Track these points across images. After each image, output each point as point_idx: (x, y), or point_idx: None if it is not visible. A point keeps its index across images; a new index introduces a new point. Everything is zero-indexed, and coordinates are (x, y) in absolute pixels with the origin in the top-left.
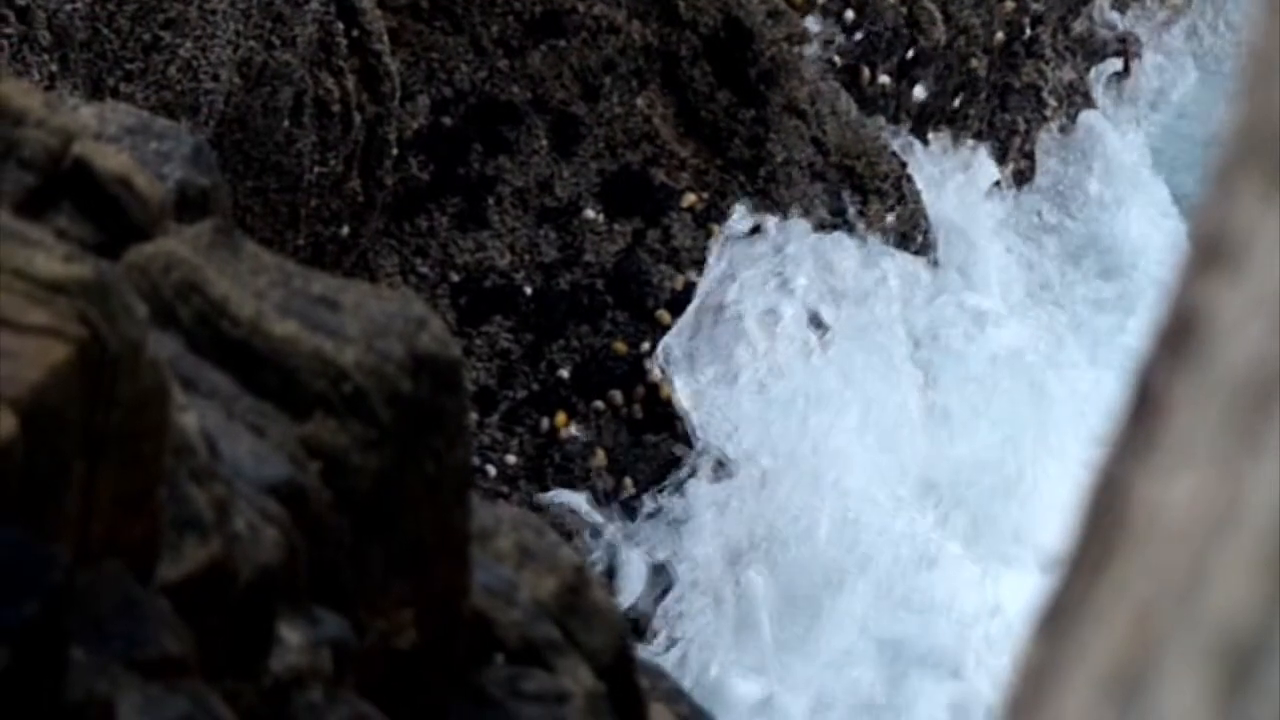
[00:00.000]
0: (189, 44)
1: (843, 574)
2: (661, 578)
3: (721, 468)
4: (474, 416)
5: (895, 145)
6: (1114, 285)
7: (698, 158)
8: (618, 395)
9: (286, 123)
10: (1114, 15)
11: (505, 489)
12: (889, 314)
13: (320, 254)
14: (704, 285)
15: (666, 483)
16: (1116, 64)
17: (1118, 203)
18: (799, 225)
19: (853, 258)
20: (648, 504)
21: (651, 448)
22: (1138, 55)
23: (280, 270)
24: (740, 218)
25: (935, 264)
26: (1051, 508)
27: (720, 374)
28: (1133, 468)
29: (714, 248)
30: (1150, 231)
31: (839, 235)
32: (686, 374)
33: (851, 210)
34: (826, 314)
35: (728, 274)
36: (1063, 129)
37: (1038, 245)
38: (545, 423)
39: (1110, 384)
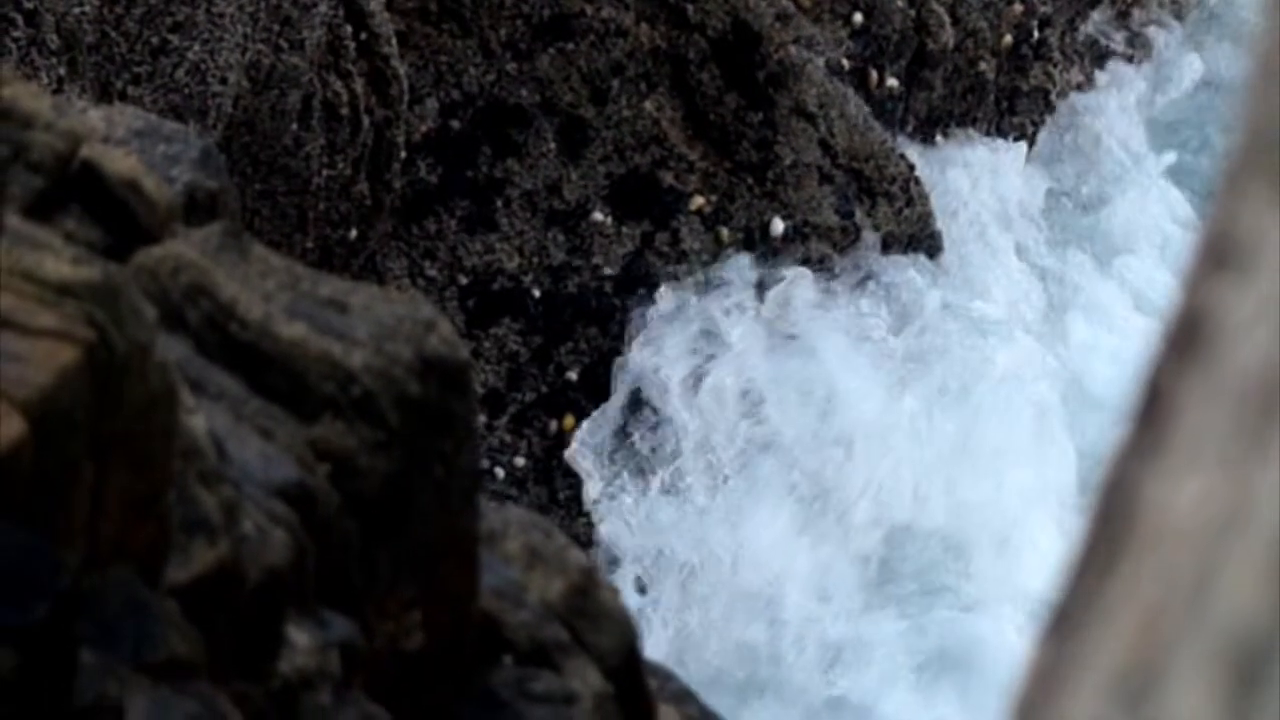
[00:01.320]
0: (197, 47)
1: (763, 684)
2: None
3: (639, 577)
4: (482, 419)
5: (905, 143)
6: (1119, 283)
7: (706, 160)
8: None
9: (295, 126)
10: (1121, 17)
11: (514, 491)
12: (861, 356)
13: (328, 257)
14: (627, 364)
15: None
16: (1122, 63)
17: (1123, 199)
18: (741, 261)
19: (811, 292)
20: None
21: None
22: (1145, 57)
23: (288, 273)
24: (663, 295)
25: (939, 265)
26: (1031, 574)
27: (639, 470)
28: (1141, 470)
29: (635, 323)
30: (1154, 228)
31: (802, 270)
32: (600, 472)
33: (859, 213)
34: (777, 373)
35: (654, 349)
36: (1068, 123)
37: (1041, 243)
38: (553, 425)
39: (1116, 391)
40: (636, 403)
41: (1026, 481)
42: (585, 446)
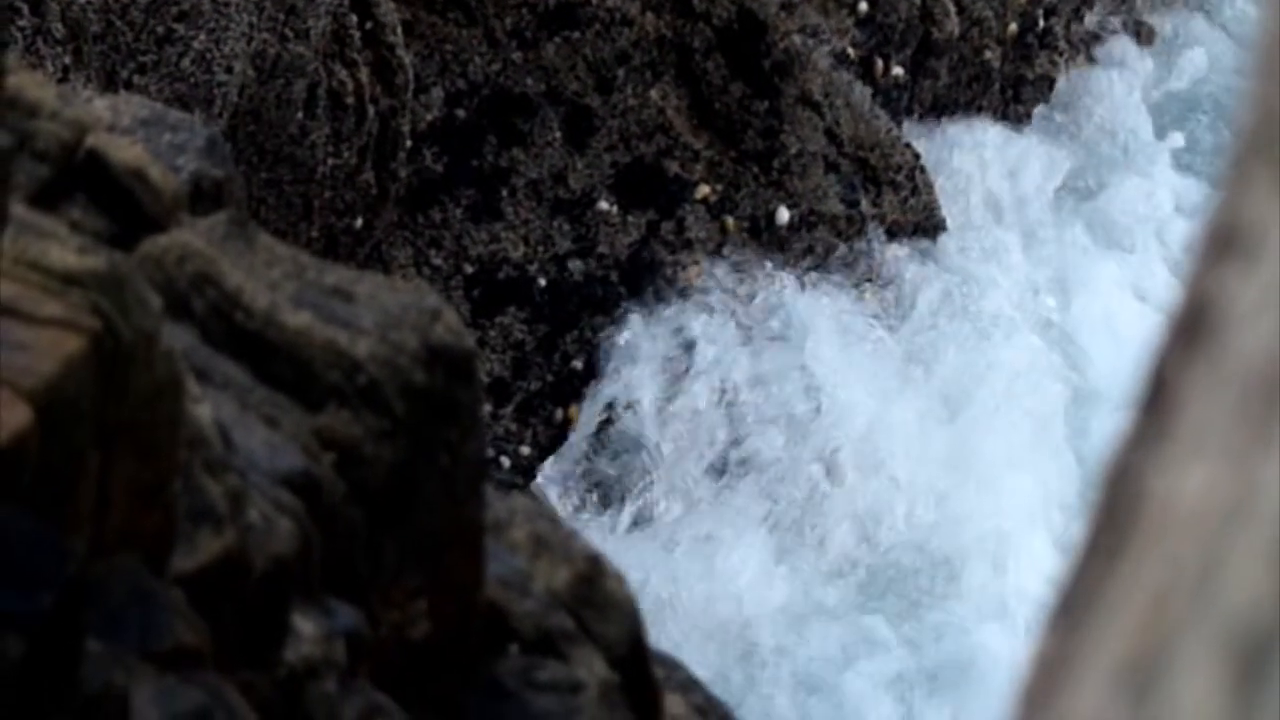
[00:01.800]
0: (202, 36)
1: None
2: None
3: None
4: (488, 408)
5: (911, 131)
6: (1122, 270)
7: (711, 149)
8: None
9: (300, 115)
10: (1125, 5)
11: (520, 480)
12: (853, 362)
13: (334, 246)
14: (598, 389)
15: None
16: (1127, 50)
17: (1127, 186)
18: (718, 266)
19: (798, 296)
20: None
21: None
22: (1149, 44)
23: (294, 262)
24: (638, 323)
25: (940, 257)
26: (1024, 590)
27: (607, 501)
28: (1146, 459)
29: (604, 346)
30: (1158, 215)
31: (785, 277)
32: (568, 504)
33: (865, 201)
34: (761, 386)
35: (627, 370)
36: (1072, 110)
37: (1045, 230)
38: (559, 414)
39: (1120, 381)
40: (607, 428)
41: (1022, 493)
42: (552, 478)
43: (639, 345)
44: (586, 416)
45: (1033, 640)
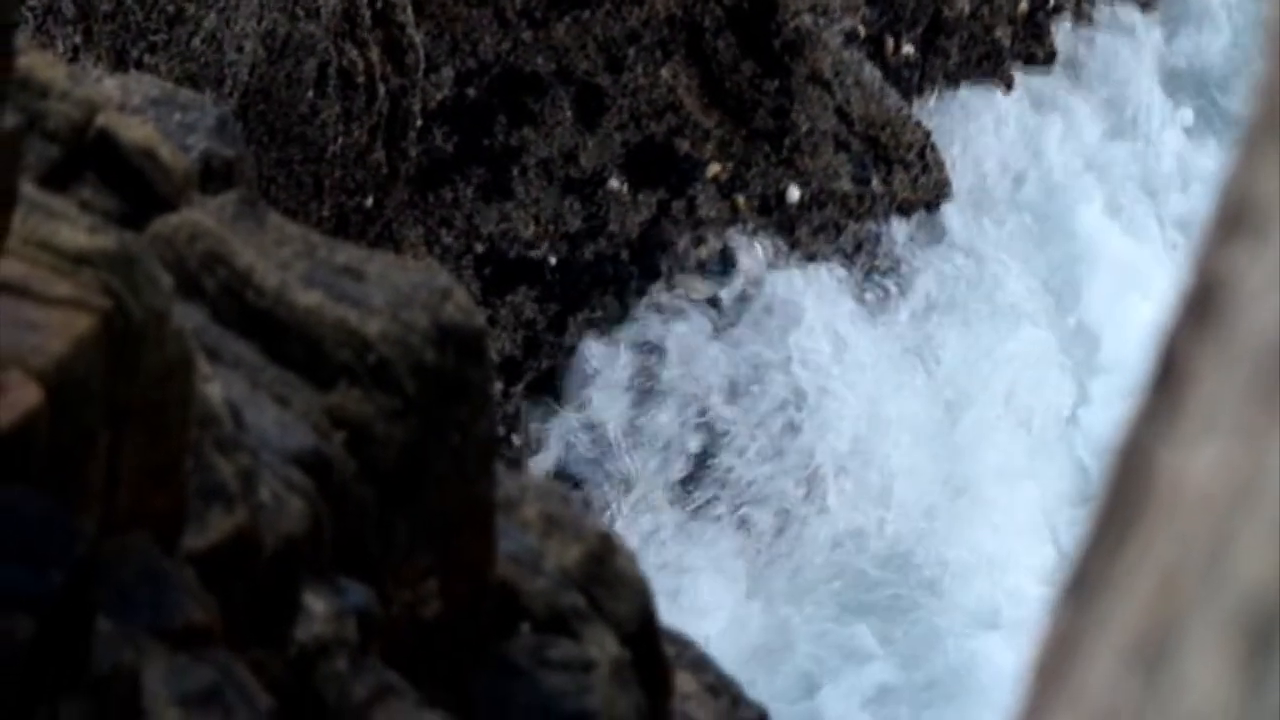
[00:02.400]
0: (213, 15)
1: None
2: None
3: None
4: (499, 386)
5: (921, 110)
6: (1132, 243)
7: (722, 128)
8: None
9: (311, 94)
10: None
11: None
12: (844, 366)
13: (344, 225)
14: (562, 416)
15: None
16: (1137, 21)
17: (1138, 159)
18: (698, 277)
19: (788, 293)
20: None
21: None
22: (1160, 15)
23: (305, 241)
24: (598, 344)
25: (944, 240)
26: (1019, 601)
27: None
28: (1156, 437)
29: (572, 367)
30: (1170, 187)
31: (769, 278)
32: None
33: (875, 180)
34: (746, 395)
35: (592, 390)
36: (1081, 84)
37: (1054, 205)
38: None
39: (1129, 357)
40: (571, 452)
41: (1022, 506)
42: None
43: (606, 356)
44: (553, 437)
45: (1043, 621)
